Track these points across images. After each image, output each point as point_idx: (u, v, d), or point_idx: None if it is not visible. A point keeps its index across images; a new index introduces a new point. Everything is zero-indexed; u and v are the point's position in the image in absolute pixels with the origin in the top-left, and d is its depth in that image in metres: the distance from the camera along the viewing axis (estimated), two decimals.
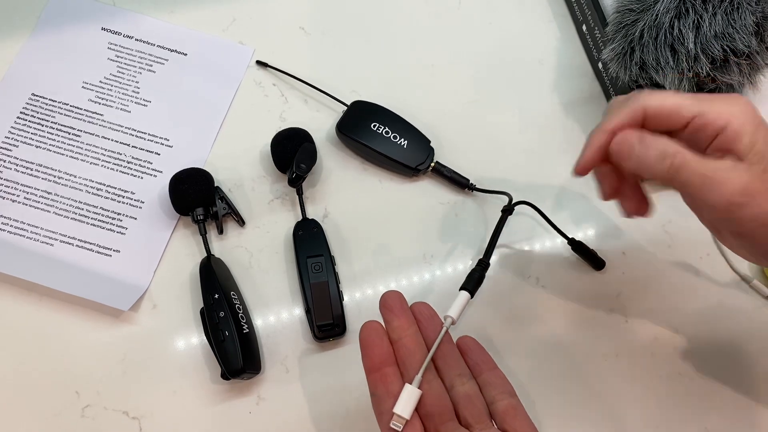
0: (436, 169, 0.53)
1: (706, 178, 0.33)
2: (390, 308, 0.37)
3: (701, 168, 0.34)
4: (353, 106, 0.55)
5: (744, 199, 0.33)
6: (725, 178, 0.33)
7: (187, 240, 0.51)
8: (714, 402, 0.48)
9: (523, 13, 0.62)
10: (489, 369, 0.38)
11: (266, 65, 0.57)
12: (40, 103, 0.55)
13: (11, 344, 0.47)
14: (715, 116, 0.34)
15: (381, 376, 0.36)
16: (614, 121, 0.36)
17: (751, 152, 0.33)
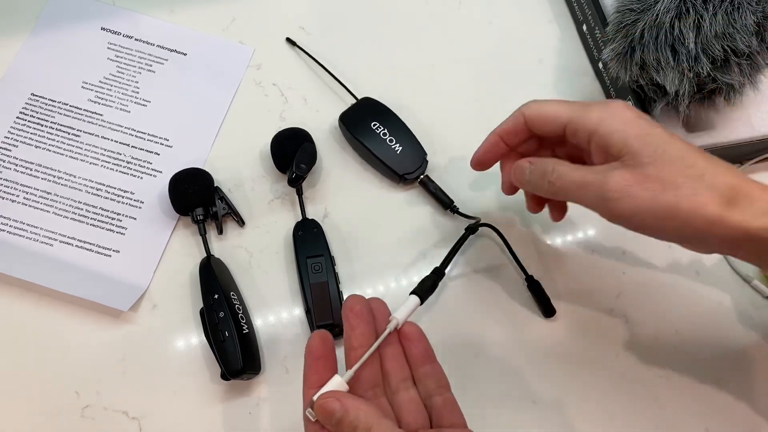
0: (424, 183, 0.53)
1: (580, 183, 0.38)
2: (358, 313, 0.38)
3: (574, 175, 0.38)
4: (362, 101, 0.55)
5: (617, 194, 0.36)
6: (597, 179, 0.37)
7: (186, 240, 0.51)
8: (714, 402, 0.48)
9: (523, 13, 0.62)
10: (429, 362, 0.40)
11: (295, 44, 0.58)
12: (40, 103, 0.54)
13: (11, 344, 0.47)
14: (586, 121, 0.38)
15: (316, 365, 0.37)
16: (502, 125, 0.43)
17: (623, 151, 0.36)
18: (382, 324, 0.39)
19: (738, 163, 0.56)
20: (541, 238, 0.53)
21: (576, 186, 0.38)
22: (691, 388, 0.48)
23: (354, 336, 0.38)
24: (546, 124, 0.40)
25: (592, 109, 0.38)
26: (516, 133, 0.43)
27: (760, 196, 0.35)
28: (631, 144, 0.36)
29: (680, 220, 0.35)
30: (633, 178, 0.36)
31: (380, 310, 0.40)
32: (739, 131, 0.52)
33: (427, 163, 0.53)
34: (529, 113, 0.41)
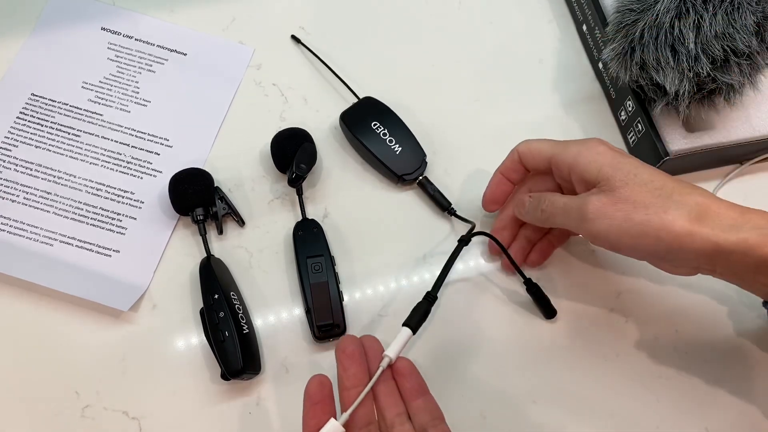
0: (422, 184, 0.53)
1: (564, 208, 0.42)
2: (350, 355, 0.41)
3: (560, 202, 0.43)
4: (363, 100, 0.55)
5: (593, 215, 0.40)
6: (577, 204, 0.41)
7: (186, 240, 0.51)
8: (714, 402, 0.48)
9: (523, 13, 0.62)
10: (422, 394, 0.41)
11: (299, 41, 0.58)
12: (40, 103, 0.54)
13: (11, 344, 0.47)
14: (565, 156, 0.43)
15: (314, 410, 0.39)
16: (501, 165, 0.49)
17: (598, 178, 0.40)
18: (375, 362, 0.42)
19: (738, 163, 0.56)
20: None
21: (561, 211, 0.43)
22: (691, 388, 0.48)
23: (347, 377, 0.40)
24: (534, 160, 0.46)
25: (570, 146, 0.43)
26: (514, 170, 0.48)
27: (726, 212, 0.38)
28: (605, 171, 0.40)
29: (652, 237, 0.38)
30: (608, 200, 0.40)
31: (373, 348, 0.42)
32: (739, 131, 0.52)
33: (426, 164, 0.53)
34: (521, 149, 0.47)
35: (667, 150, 0.51)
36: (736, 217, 0.37)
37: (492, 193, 0.50)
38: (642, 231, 0.38)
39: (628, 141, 0.56)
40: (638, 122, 0.53)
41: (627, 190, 0.39)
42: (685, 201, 0.38)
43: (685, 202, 0.38)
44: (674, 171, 0.55)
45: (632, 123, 0.54)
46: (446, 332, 0.49)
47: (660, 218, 0.38)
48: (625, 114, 0.55)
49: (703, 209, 0.37)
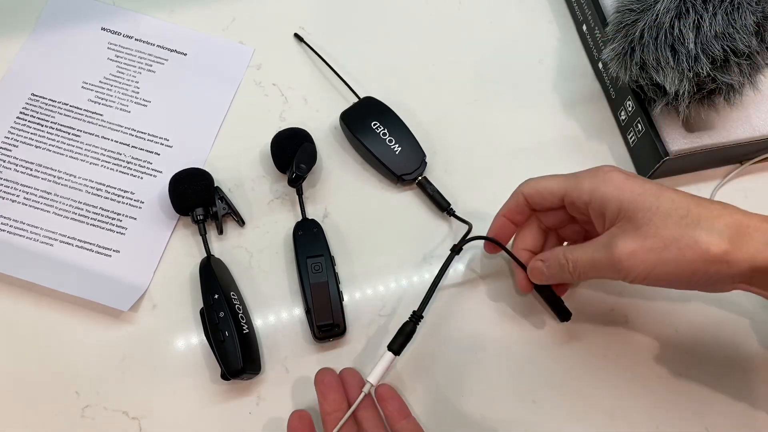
0: (421, 184, 0.53)
1: (592, 264, 0.40)
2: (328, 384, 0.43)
3: (585, 259, 0.40)
4: (364, 100, 0.55)
5: (626, 264, 0.38)
6: (605, 257, 0.39)
7: (186, 240, 0.51)
8: (714, 402, 0.48)
9: (523, 13, 0.62)
10: (405, 417, 0.42)
11: (302, 39, 0.58)
12: (40, 103, 0.54)
13: (11, 344, 0.47)
14: (579, 192, 0.41)
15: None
16: (504, 208, 0.46)
17: (619, 216, 0.39)
18: (356, 390, 0.43)
19: (738, 163, 0.56)
20: None
21: (590, 268, 0.40)
22: (691, 387, 0.48)
23: (327, 402, 0.42)
24: (544, 201, 0.43)
25: (583, 180, 0.41)
26: (519, 212, 0.45)
27: (758, 226, 0.36)
28: (626, 208, 0.38)
29: (689, 271, 0.37)
30: (635, 244, 0.37)
31: (352, 379, 0.43)
32: (739, 131, 0.52)
33: (425, 164, 0.53)
34: (527, 192, 0.44)
35: (667, 150, 0.51)
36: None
37: (494, 235, 0.47)
38: (678, 267, 0.37)
39: (628, 141, 0.56)
40: (638, 122, 0.53)
41: (652, 227, 0.37)
42: (714, 226, 0.36)
43: (714, 228, 0.36)
44: (674, 171, 0.55)
45: (632, 123, 0.54)
46: (446, 333, 0.49)
47: (693, 251, 0.36)
48: (625, 114, 0.55)
49: (734, 231, 0.36)
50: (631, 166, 0.56)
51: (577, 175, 0.42)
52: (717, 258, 0.36)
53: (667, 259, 0.37)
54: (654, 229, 0.37)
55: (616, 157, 0.56)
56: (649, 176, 0.54)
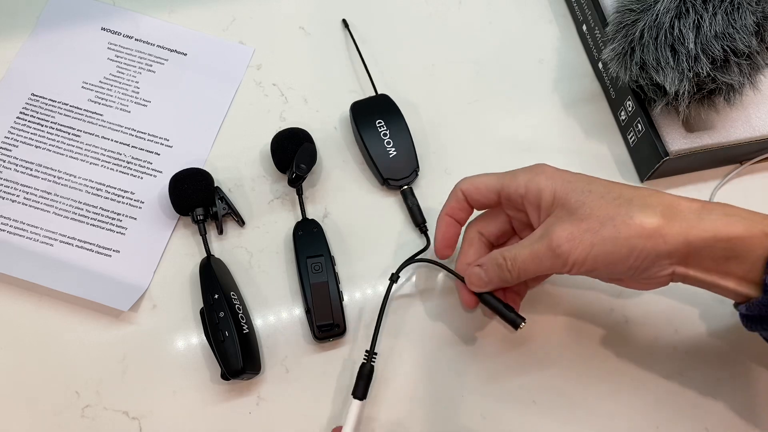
0: (404, 194, 0.52)
1: (532, 256, 0.39)
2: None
3: (524, 253, 0.40)
4: (379, 96, 0.55)
5: (565, 248, 0.38)
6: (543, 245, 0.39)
7: (186, 240, 0.51)
8: (714, 402, 0.48)
9: (523, 13, 0.62)
10: None
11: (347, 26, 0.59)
12: (40, 103, 0.54)
13: (11, 344, 0.47)
14: (515, 185, 0.41)
15: None
16: (445, 207, 0.45)
17: (553, 204, 0.39)
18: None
19: (738, 163, 0.56)
20: None
21: (530, 261, 0.40)
22: (691, 388, 0.48)
23: None
24: (482, 196, 0.43)
25: (518, 174, 0.42)
26: (460, 208, 0.45)
27: (687, 205, 0.37)
28: (559, 196, 0.39)
29: (627, 248, 0.37)
30: (571, 226, 0.38)
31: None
32: (739, 131, 0.52)
33: (417, 175, 0.53)
34: (464, 188, 0.44)
35: (667, 150, 0.51)
36: (700, 208, 0.37)
37: (443, 238, 0.46)
38: (615, 245, 0.37)
39: (628, 141, 0.56)
40: (638, 122, 0.53)
41: (587, 209, 0.38)
42: (648, 203, 0.37)
43: (648, 204, 0.37)
44: (674, 171, 0.55)
45: (632, 123, 0.54)
46: (446, 334, 0.49)
47: (628, 226, 0.37)
48: (625, 114, 0.55)
49: (667, 207, 0.37)
50: (631, 166, 0.56)
51: (512, 171, 0.43)
52: (652, 232, 0.36)
53: (604, 237, 0.37)
54: (588, 210, 0.38)
55: (616, 157, 0.56)
56: (649, 176, 0.54)
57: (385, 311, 0.46)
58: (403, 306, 0.50)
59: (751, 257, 0.36)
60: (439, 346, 0.49)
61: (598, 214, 0.37)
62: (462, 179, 0.45)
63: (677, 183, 0.55)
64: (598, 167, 0.56)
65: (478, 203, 0.44)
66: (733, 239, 0.36)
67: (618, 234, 0.37)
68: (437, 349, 0.49)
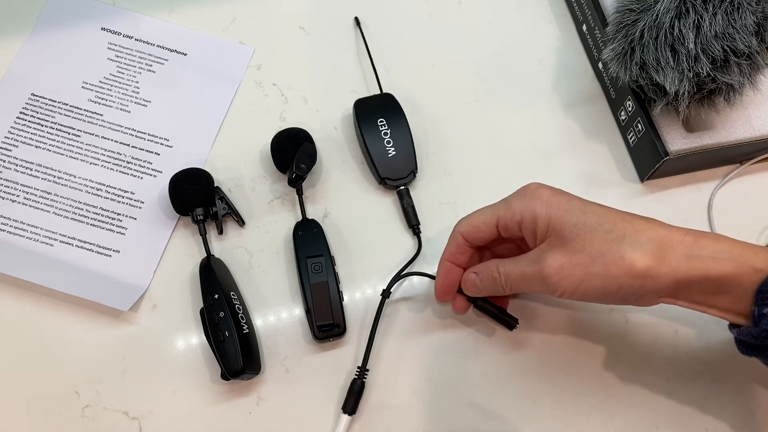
0: (400, 194, 0.52)
1: (522, 277, 0.41)
2: None
3: (516, 272, 0.41)
4: (384, 95, 0.55)
5: (555, 278, 0.38)
6: (534, 270, 0.39)
7: (187, 240, 0.51)
8: (714, 402, 0.48)
9: (523, 13, 0.62)
10: None
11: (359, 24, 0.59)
12: (40, 103, 0.54)
13: (11, 344, 0.47)
14: (510, 215, 0.41)
15: None
16: (446, 253, 0.45)
17: (547, 233, 0.39)
18: None
19: (738, 163, 0.56)
20: None
21: (521, 281, 0.41)
22: (691, 388, 0.48)
23: None
24: (482, 234, 0.43)
25: (512, 202, 0.42)
26: (462, 252, 0.45)
27: (680, 240, 0.37)
28: (554, 224, 0.39)
29: (615, 285, 0.38)
30: (563, 258, 0.38)
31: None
32: (739, 131, 0.52)
33: (414, 177, 0.53)
34: (464, 231, 0.44)
35: (667, 150, 0.51)
36: (691, 245, 0.37)
37: (443, 284, 0.46)
38: (604, 282, 0.38)
39: (628, 141, 0.56)
40: (638, 122, 0.53)
41: (579, 242, 0.38)
42: (639, 240, 0.37)
43: (638, 242, 0.37)
44: (674, 171, 0.55)
45: (632, 123, 0.54)
46: (445, 336, 0.49)
47: (618, 266, 0.37)
48: (625, 114, 0.55)
49: (656, 245, 0.37)
50: (631, 166, 0.56)
51: (506, 199, 0.43)
52: (641, 273, 0.37)
53: (593, 274, 0.37)
54: (581, 244, 0.38)
55: (615, 157, 0.56)
56: (649, 176, 0.54)
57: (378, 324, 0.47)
58: (399, 311, 0.50)
59: (738, 291, 0.37)
60: (438, 350, 0.49)
61: (590, 249, 0.38)
62: (458, 222, 0.44)
63: (677, 183, 0.55)
64: (598, 167, 0.56)
65: (479, 241, 0.44)
66: (723, 277, 0.37)
67: (607, 272, 0.37)
68: (434, 355, 0.49)
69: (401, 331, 0.49)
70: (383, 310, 0.48)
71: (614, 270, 0.37)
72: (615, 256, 0.37)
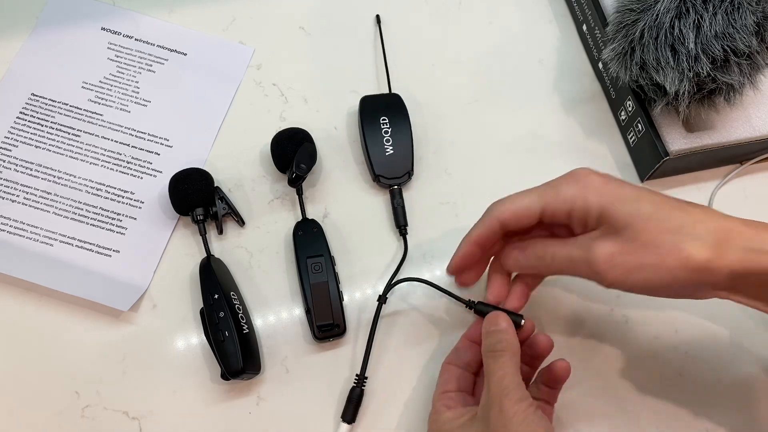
0: (393, 193, 0.52)
1: (570, 260, 0.39)
2: None
3: (563, 254, 0.39)
4: (391, 95, 0.55)
5: (604, 266, 0.37)
6: (583, 255, 0.38)
7: (186, 240, 0.51)
8: (714, 402, 0.48)
9: (523, 13, 0.62)
10: None
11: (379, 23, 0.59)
12: (40, 103, 0.54)
13: (11, 344, 0.47)
14: (560, 202, 0.39)
15: None
16: (474, 233, 0.42)
17: (600, 221, 0.37)
18: None
19: (738, 163, 0.56)
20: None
21: (567, 264, 0.39)
22: (691, 388, 0.48)
23: None
24: (521, 222, 0.40)
25: (561, 189, 0.39)
26: (492, 238, 0.42)
27: (740, 231, 0.35)
28: (606, 214, 0.37)
29: (669, 278, 0.36)
30: (614, 247, 0.36)
31: None
32: (739, 131, 0.52)
33: (410, 178, 0.53)
34: (503, 216, 0.41)
35: (667, 150, 0.51)
36: (753, 237, 0.35)
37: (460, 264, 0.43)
38: (657, 274, 0.36)
39: (628, 141, 0.56)
40: (638, 122, 0.53)
41: (632, 231, 0.36)
42: (697, 232, 0.35)
43: (696, 234, 0.35)
44: (674, 171, 0.55)
45: (632, 123, 0.54)
46: (445, 339, 0.49)
47: (674, 257, 0.35)
48: (625, 114, 0.55)
49: (715, 237, 0.35)
50: (631, 166, 0.56)
51: (552, 185, 0.40)
52: (699, 266, 0.35)
53: (646, 265, 0.36)
54: (634, 233, 0.36)
55: (616, 157, 0.56)
56: (649, 176, 0.54)
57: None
58: (398, 313, 0.50)
59: None
60: (438, 353, 0.49)
61: (644, 239, 0.36)
62: (495, 204, 0.41)
63: (677, 183, 0.55)
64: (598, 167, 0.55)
65: (516, 228, 0.41)
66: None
67: (662, 263, 0.35)
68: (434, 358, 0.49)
69: (400, 335, 0.49)
70: (381, 315, 0.47)
71: (670, 261, 0.35)
72: (671, 248, 0.35)
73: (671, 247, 0.35)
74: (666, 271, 0.36)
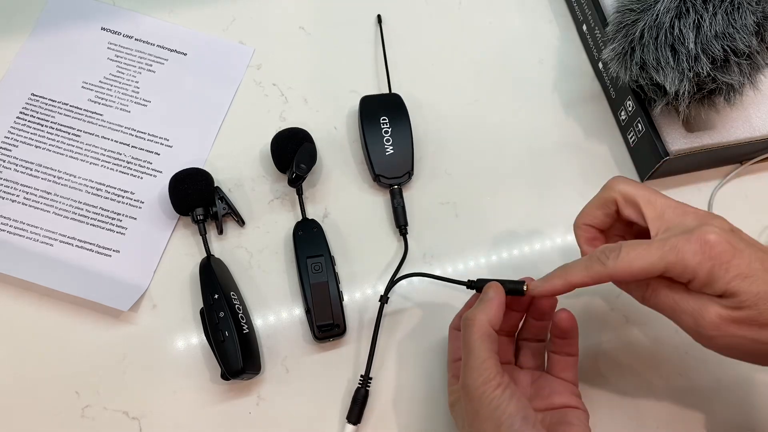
0: (393, 193, 0.52)
1: (675, 307, 0.36)
2: None
3: (670, 299, 0.37)
4: (391, 95, 0.55)
5: (713, 332, 0.35)
6: (693, 310, 0.35)
7: (186, 240, 0.51)
8: (714, 402, 0.48)
9: (523, 13, 0.62)
10: None
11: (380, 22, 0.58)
12: (40, 103, 0.54)
13: (11, 344, 0.47)
14: (678, 272, 0.35)
15: None
16: (580, 282, 0.39)
17: (725, 294, 0.34)
18: None
19: (738, 163, 0.56)
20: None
21: (670, 308, 0.37)
22: (691, 388, 0.48)
23: None
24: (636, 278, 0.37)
25: (684, 254, 0.35)
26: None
27: None
28: (732, 290, 0.34)
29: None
30: (730, 317, 0.34)
31: None
32: (739, 131, 0.52)
33: (409, 178, 0.53)
34: (618, 276, 0.38)
35: (667, 150, 0.51)
36: None
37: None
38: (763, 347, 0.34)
39: (628, 141, 0.56)
40: (638, 122, 0.53)
41: (754, 311, 0.34)
42: None
43: None
44: (674, 171, 0.55)
45: (632, 123, 0.54)
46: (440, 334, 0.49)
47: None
48: (625, 114, 0.55)
49: None
50: (631, 166, 0.56)
51: (673, 244, 0.35)
52: None
53: (759, 343, 0.34)
54: (756, 313, 0.34)
55: (616, 157, 0.56)
56: (649, 176, 0.54)
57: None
58: (400, 311, 0.50)
59: None
60: (441, 350, 0.49)
61: (764, 320, 0.34)
62: (610, 255, 0.37)
63: (677, 183, 0.55)
64: (598, 167, 0.56)
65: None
66: None
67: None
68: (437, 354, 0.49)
69: (402, 334, 0.49)
70: (383, 314, 0.47)
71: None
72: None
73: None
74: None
